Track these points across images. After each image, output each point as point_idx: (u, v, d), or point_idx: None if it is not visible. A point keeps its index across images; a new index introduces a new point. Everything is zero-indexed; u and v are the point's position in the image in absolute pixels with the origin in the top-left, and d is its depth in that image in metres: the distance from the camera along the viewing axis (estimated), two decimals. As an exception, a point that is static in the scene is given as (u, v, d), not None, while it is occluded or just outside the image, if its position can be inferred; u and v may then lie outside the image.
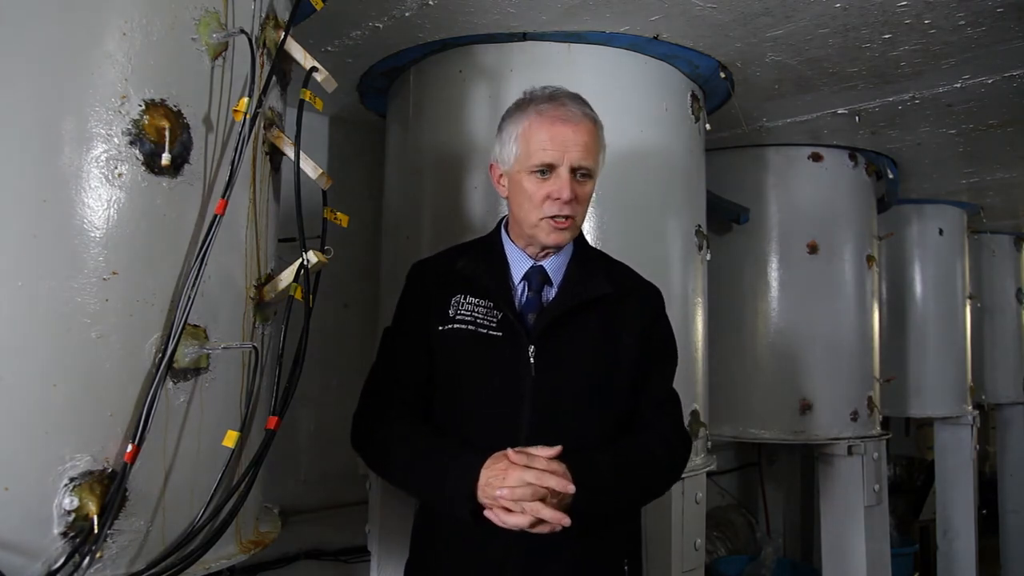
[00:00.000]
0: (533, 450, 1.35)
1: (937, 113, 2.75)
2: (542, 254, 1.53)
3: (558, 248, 1.51)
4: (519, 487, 1.30)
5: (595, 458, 1.40)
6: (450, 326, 1.50)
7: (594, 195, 2.03)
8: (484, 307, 1.50)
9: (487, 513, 1.34)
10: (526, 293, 1.52)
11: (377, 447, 1.52)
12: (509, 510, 1.31)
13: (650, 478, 1.52)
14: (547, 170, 1.45)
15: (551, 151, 1.44)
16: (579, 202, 1.47)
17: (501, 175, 1.54)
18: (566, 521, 1.31)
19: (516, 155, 1.48)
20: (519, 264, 1.53)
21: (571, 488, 1.31)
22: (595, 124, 1.51)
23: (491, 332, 1.47)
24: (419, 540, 1.58)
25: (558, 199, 1.43)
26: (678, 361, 1.66)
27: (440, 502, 1.43)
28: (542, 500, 1.31)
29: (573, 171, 1.45)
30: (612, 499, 1.42)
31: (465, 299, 1.51)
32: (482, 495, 1.33)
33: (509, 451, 1.35)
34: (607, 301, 1.51)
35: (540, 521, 1.31)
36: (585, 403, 1.48)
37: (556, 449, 1.35)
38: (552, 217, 1.45)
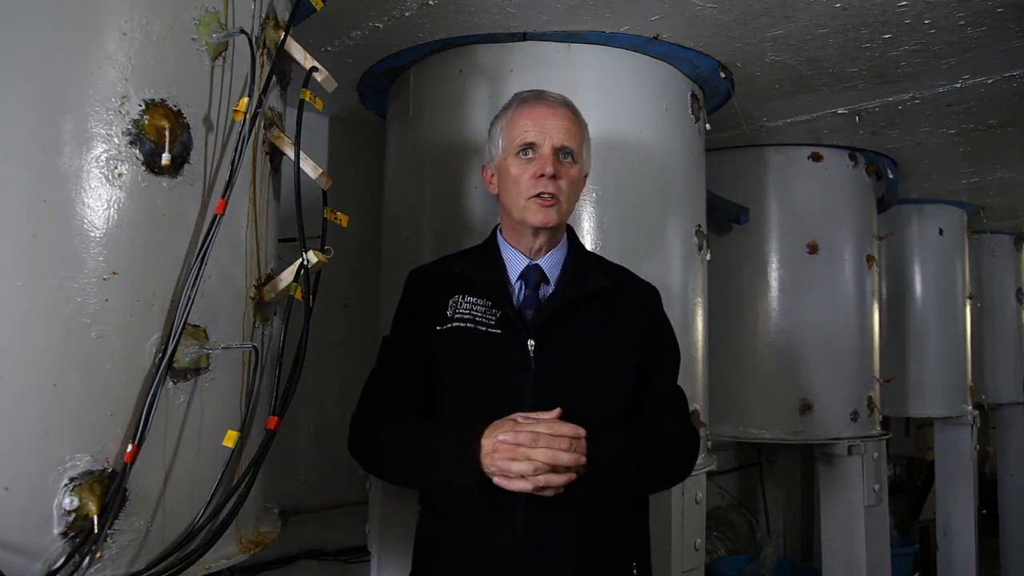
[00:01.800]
0: (536, 415, 1.36)
1: (937, 113, 2.75)
2: (537, 249, 1.54)
3: (546, 229, 1.51)
4: (528, 435, 1.30)
5: (607, 434, 1.41)
6: (449, 325, 1.50)
7: (594, 195, 2.07)
8: (483, 306, 1.50)
9: (497, 480, 1.32)
10: (523, 291, 1.53)
11: (372, 445, 1.52)
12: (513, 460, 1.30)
13: (659, 463, 1.52)
14: (529, 150, 1.49)
15: (532, 131, 1.49)
16: (565, 182, 1.49)
17: (492, 174, 1.58)
18: (581, 460, 1.31)
19: (501, 146, 1.54)
20: (515, 264, 1.55)
21: (581, 431, 1.32)
22: (576, 115, 1.56)
23: (491, 330, 1.48)
24: (422, 543, 1.58)
25: (542, 176, 1.46)
26: (679, 364, 1.66)
27: (444, 479, 1.41)
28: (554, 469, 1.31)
29: (556, 152, 1.49)
30: (617, 463, 1.42)
31: (463, 299, 1.52)
32: (487, 461, 1.32)
33: (516, 415, 1.36)
34: (604, 296, 1.53)
35: (548, 471, 1.30)
36: (585, 396, 1.48)
37: (557, 411, 1.36)
38: (538, 196, 1.47)
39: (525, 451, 1.30)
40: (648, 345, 1.56)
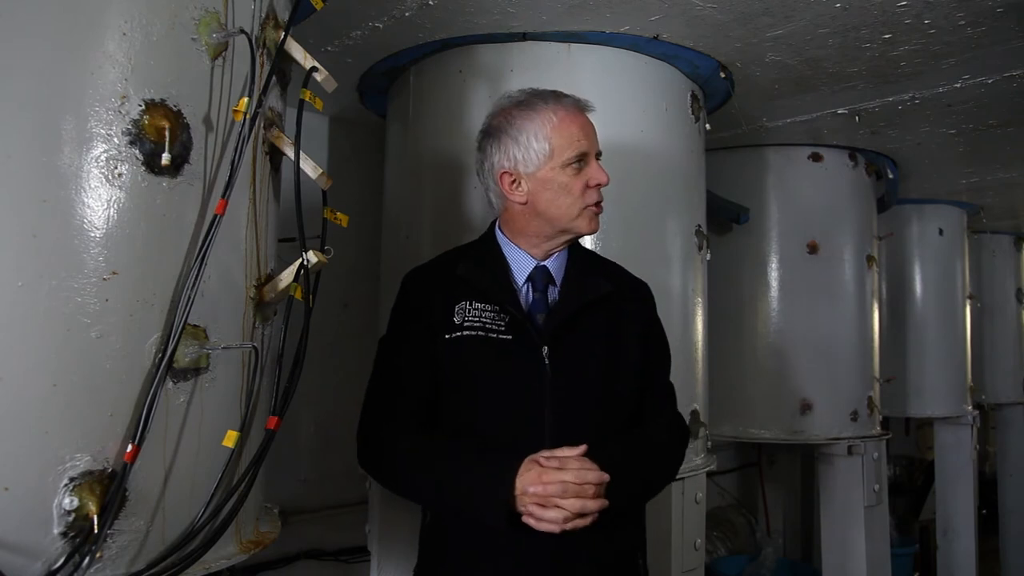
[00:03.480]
0: (560, 452, 1.36)
1: (937, 113, 2.75)
2: (548, 248, 1.53)
3: (592, 234, 1.56)
4: (558, 486, 1.31)
5: (609, 449, 1.41)
6: (458, 334, 1.47)
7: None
8: (491, 311, 1.48)
9: (526, 519, 1.33)
10: (531, 294, 1.51)
11: (391, 464, 1.48)
12: (543, 507, 1.32)
13: (658, 466, 1.56)
14: (581, 160, 1.49)
15: (584, 140, 1.49)
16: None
17: (514, 180, 1.50)
18: (606, 503, 1.34)
19: (546, 153, 1.47)
20: (521, 265, 1.53)
21: (606, 477, 1.34)
22: None
23: (501, 336, 1.46)
24: (430, 546, 1.56)
25: (598, 184, 1.49)
26: (671, 360, 1.69)
27: (472, 512, 1.40)
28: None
29: (598, 160, 1.52)
30: (629, 487, 1.43)
31: (471, 305, 1.49)
32: (520, 503, 1.33)
33: (539, 456, 1.35)
34: (609, 299, 1.53)
35: (576, 517, 1.32)
36: (600, 399, 1.49)
37: (582, 448, 1.36)
38: (594, 204, 1.50)
39: (556, 501, 1.31)
40: (650, 344, 1.59)
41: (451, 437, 1.49)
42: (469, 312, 1.48)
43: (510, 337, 1.46)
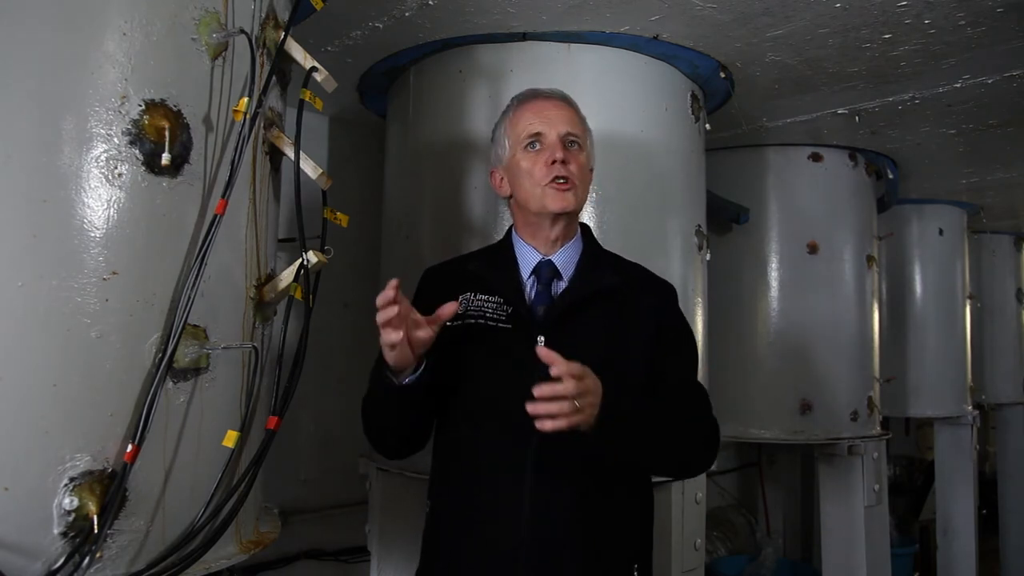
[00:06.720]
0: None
1: (937, 113, 2.75)
2: (553, 240, 1.54)
3: (564, 215, 1.51)
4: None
5: (626, 398, 1.39)
6: (460, 322, 1.50)
7: (594, 195, 2.07)
8: (494, 303, 1.51)
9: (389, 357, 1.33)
10: (535, 287, 1.54)
11: (365, 417, 1.55)
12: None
13: (676, 437, 1.47)
14: (537, 141, 1.51)
15: (537, 122, 1.51)
16: (575, 167, 1.50)
17: (501, 177, 1.58)
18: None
19: (508, 145, 1.55)
20: (528, 260, 1.56)
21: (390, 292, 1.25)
22: (575, 107, 1.58)
23: (500, 325, 1.49)
24: (430, 537, 1.58)
25: (554, 161, 1.48)
26: (698, 355, 1.67)
27: (385, 390, 1.42)
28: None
29: (562, 140, 1.50)
30: (631, 434, 1.39)
31: (475, 296, 1.53)
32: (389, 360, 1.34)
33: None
34: (618, 293, 1.53)
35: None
36: None
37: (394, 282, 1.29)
38: (553, 181, 1.48)
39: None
40: (665, 340, 1.56)
41: (460, 421, 1.53)
42: (472, 302, 1.52)
43: (509, 327, 1.49)
